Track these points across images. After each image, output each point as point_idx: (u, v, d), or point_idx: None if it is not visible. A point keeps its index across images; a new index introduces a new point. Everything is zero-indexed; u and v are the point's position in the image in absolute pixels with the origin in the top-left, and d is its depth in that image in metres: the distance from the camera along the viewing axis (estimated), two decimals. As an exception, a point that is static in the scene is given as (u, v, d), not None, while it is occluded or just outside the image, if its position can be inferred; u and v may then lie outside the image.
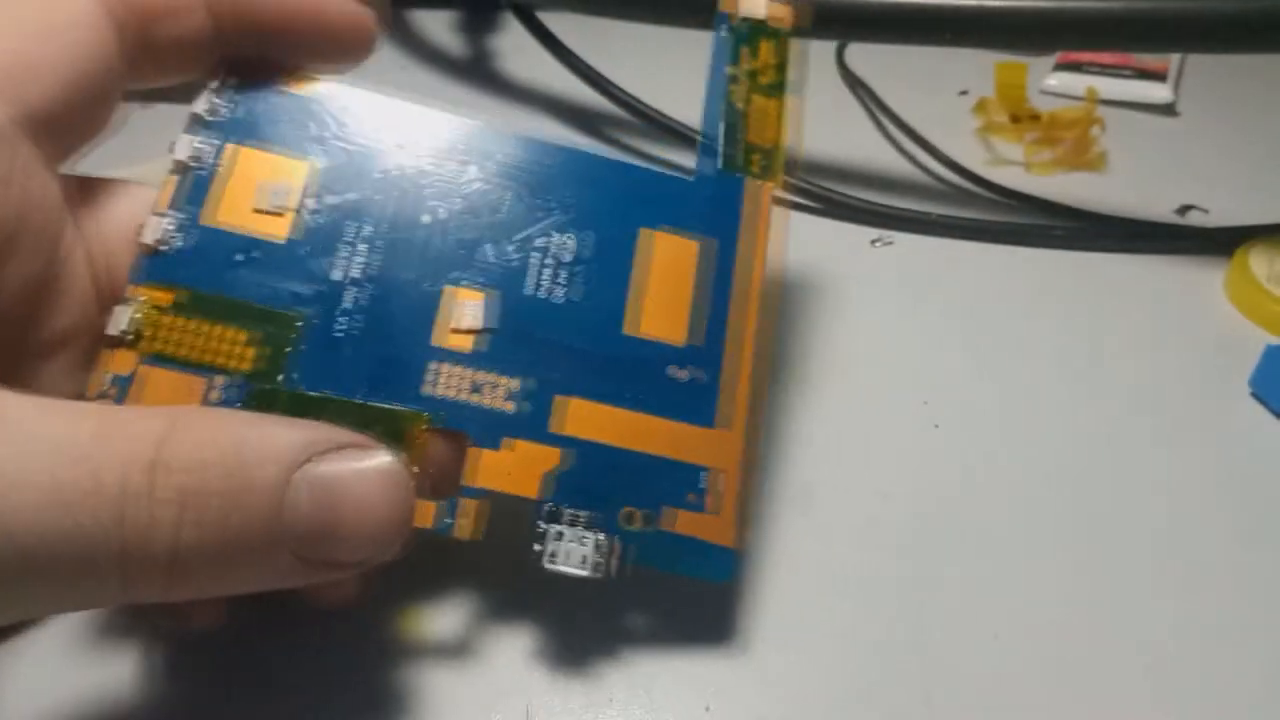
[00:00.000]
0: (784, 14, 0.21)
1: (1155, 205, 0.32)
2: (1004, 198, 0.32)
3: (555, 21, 0.36)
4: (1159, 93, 0.38)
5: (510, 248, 0.19)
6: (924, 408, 0.24)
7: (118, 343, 0.17)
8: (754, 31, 0.21)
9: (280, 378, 0.17)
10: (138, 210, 0.17)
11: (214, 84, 0.18)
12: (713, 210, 0.20)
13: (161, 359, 0.17)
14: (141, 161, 0.18)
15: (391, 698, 0.17)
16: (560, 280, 0.18)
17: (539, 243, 0.19)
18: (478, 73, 0.41)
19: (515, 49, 0.42)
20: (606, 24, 0.32)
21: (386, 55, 0.42)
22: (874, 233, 0.30)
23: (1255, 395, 0.24)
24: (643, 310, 0.19)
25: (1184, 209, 0.32)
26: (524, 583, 0.19)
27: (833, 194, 0.31)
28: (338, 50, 0.18)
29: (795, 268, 0.28)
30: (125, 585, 0.13)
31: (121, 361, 0.17)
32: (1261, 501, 0.21)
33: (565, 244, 0.19)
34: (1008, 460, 0.22)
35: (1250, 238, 0.29)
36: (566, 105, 0.38)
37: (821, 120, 0.37)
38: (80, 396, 0.16)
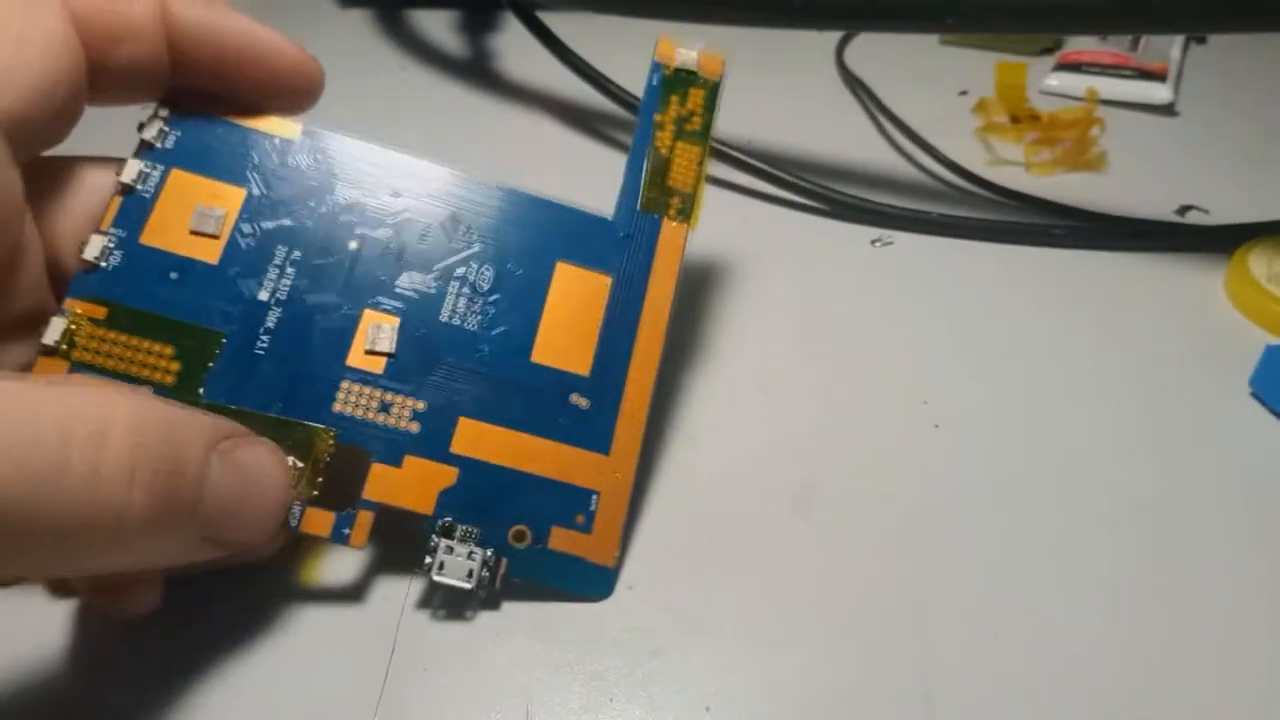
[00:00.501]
0: (715, 65, 0.22)
1: (1155, 205, 0.32)
2: (1003, 197, 0.32)
3: (555, 21, 0.36)
4: (1159, 93, 0.38)
5: (430, 276, 0.19)
6: (924, 408, 0.24)
7: (51, 352, 0.17)
8: (685, 80, 0.22)
9: (201, 390, 0.18)
10: (92, 196, 0.18)
11: (164, 112, 0.19)
12: (628, 248, 0.21)
13: (90, 369, 0.17)
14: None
15: (392, 698, 0.17)
16: (475, 308, 0.19)
17: (459, 272, 0.20)
18: (478, 73, 0.41)
19: (515, 49, 0.42)
20: (606, 22, 0.32)
21: (386, 55, 0.42)
22: (874, 232, 0.30)
23: (1255, 395, 0.24)
24: (553, 340, 0.20)
25: (1184, 209, 0.32)
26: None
27: (833, 194, 0.31)
28: (285, 93, 0.19)
29: (795, 268, 0.28)
30: (64, 548, 0.13)
31: (53, 369, 0.17)
32: (1262, 501, 0.21)
33: (484, 274, 0.20)
34: (1008, 460, 0.22)
35: (1250, 237, 0.29)
36: (566, 105, 0.38)
37: (821, 120, 0.37)
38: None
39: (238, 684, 0.17)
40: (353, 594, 0.19)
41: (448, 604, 0.19)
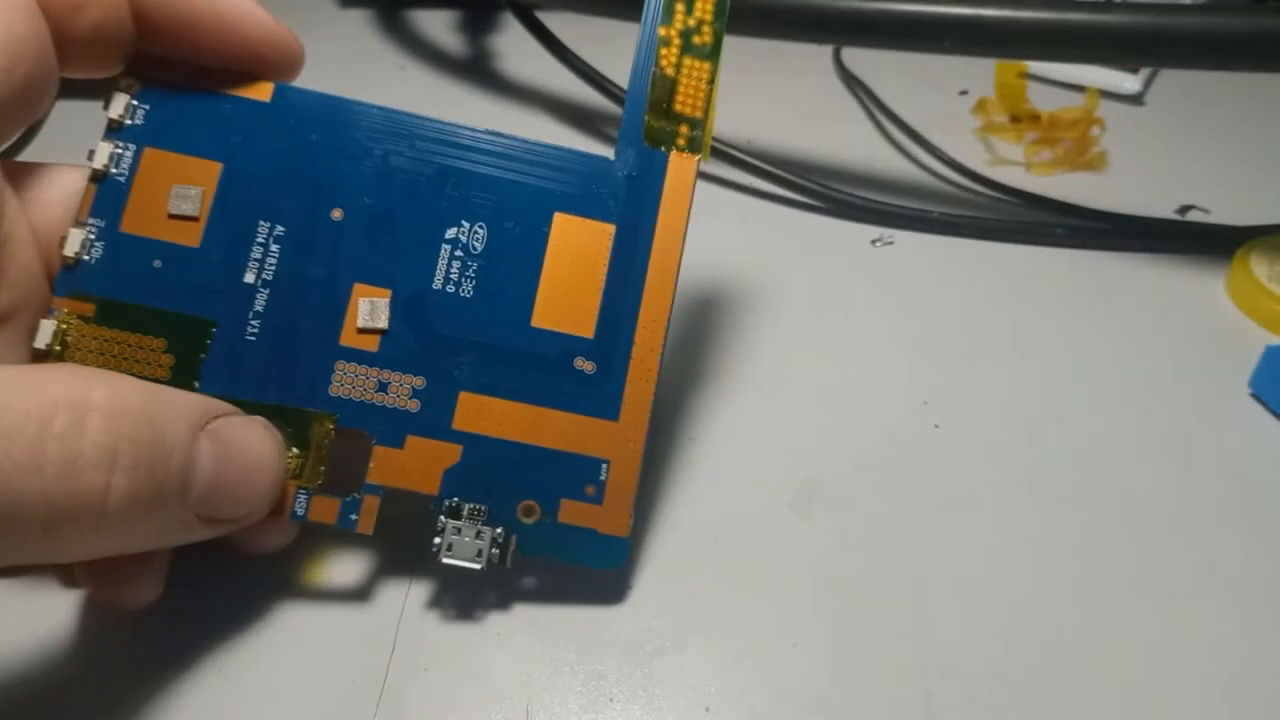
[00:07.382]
0: None
1: (1155, 205, 0.32)
2: (1005, 195, 0.32)
3: (555, 21, 0.36)
4: (1127, 84, 0.39)
5: (421, 239, 0.19)
6: (924, 408, 0.24)
7: (45, 355, 0.17)
8: None
9: (196, 384, 0.18)
10: (78, 180, 0.18)
11: (125, 81, 0.18)
12: (632, 191, 0.19)
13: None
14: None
15: (392, 698, 0.17)
16: (470, 273, 0.19)
17: (450, 233, 0.19)
18: (478, 73, 0.41)
19: (515, 49, 0.42)
20: (606, 22, 0.32)
21: (386, 55, 0.42)
22: (874, 232, 0.30)
23: (1255, 395, 0.24)
24: (553, 301, 0.19)
25: (1184, 209, 0.32)
26: (524, 582, 0.19)
27: (833, 192, 0.31)
28: (259, 64, 0.18)
29: (795, 267, 0.28)
30: (49, 535, 0.13)
31: None
32: (1261, 501, 0.21)
33: (476, 233, 0.19)
34: (1007, 460, 0.22)
35: (1251, 237, 0.29)
36: (567, 105, 0.38)
37: (820, 119, 0.37)
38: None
39: (239, 682, 0.17)
40: (353, 594, 0.19)
41: (458, 585, 0.19)
